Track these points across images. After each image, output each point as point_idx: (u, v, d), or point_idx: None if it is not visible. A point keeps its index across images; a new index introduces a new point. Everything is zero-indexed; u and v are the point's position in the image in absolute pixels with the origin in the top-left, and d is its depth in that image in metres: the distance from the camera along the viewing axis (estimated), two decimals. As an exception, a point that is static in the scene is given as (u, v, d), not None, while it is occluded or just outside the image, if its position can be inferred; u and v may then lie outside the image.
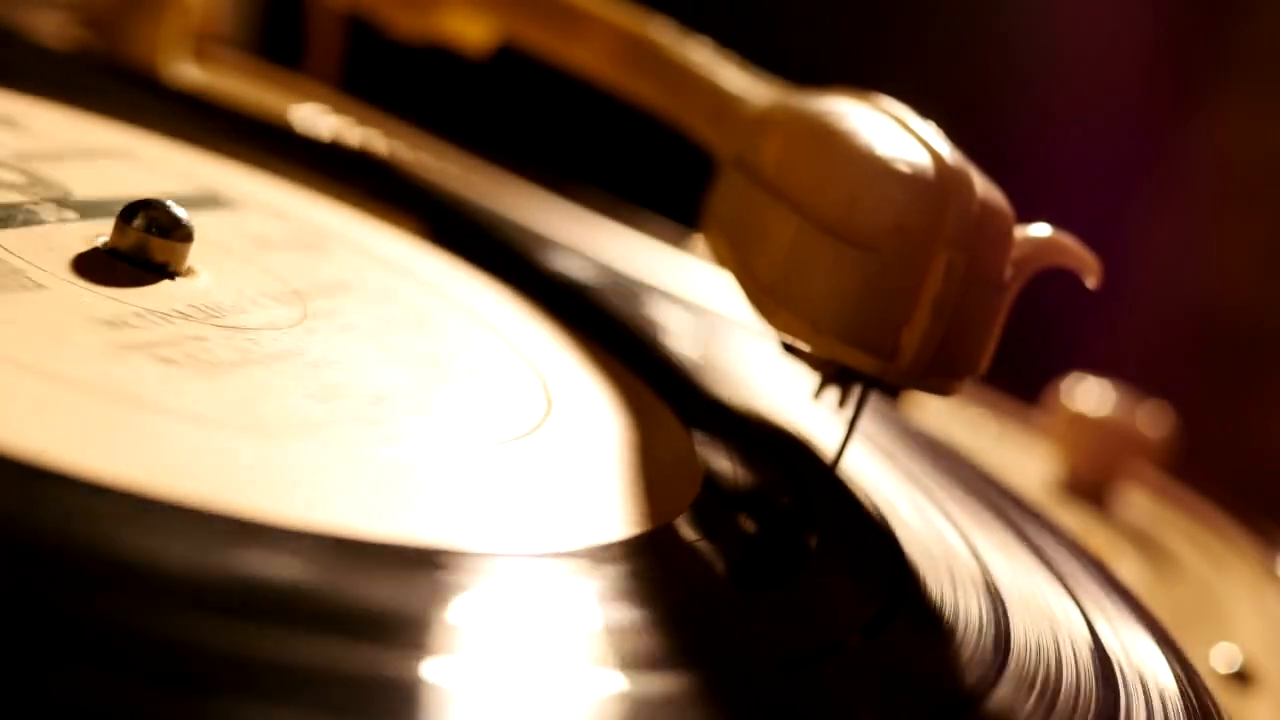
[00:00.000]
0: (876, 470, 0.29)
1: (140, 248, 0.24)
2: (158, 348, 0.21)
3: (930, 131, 0.26)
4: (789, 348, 0.27)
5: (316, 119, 0.43)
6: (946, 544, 0.26)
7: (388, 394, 0.23)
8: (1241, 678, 0.33)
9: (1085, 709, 0.22)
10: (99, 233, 0.24)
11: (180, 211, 0.24)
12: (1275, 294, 0.76)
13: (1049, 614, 0.25)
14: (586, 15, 0.37)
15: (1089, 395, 0.45)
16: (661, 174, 0.51)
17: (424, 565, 0.18)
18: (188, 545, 0.16)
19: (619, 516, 0.22)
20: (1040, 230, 0.26)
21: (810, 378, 0.27)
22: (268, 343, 0.23)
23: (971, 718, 0.20)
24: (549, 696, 0.16)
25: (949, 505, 0.29)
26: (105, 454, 0.17)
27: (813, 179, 0.25)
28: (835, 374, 0.26)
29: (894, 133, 0.25)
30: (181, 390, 0.20)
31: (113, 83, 0.39)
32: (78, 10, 0.43)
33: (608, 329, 0.32)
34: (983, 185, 0.25)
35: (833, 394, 0.27)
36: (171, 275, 0.24)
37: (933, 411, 0.43)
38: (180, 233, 0.24)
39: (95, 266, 0.23)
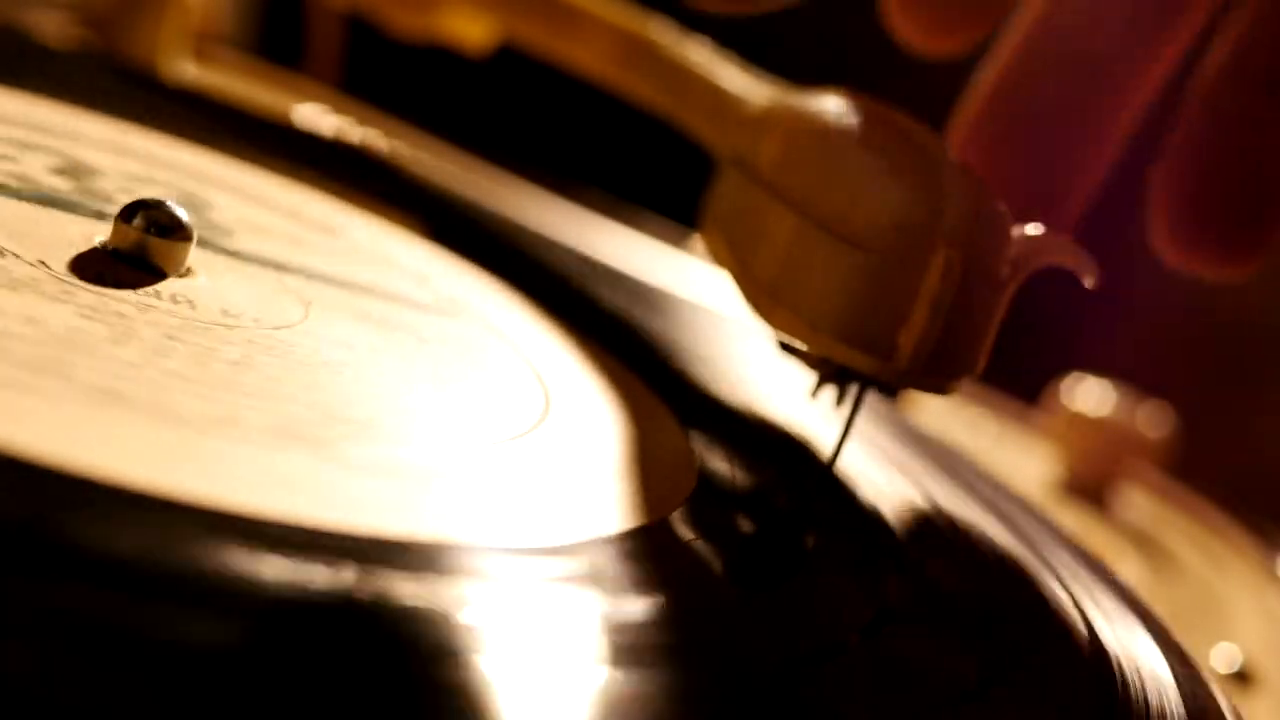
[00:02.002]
0: (873, 469, 0.29)
1: (139, 248, 0.24)
2: (159, 347, 0.21)
3: (928, 131, 0.26)
4: (786, 347, 0.27)
5: (317, 119, 0.43)
6: (943, 542, 0.26)
7: (385, 392, 0.23)
8: (1241, 678, 0.33)
9: (1083, 707, 0.22)
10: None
11: (180, 211, 0.24)
12: (1275, 294, 0.76)
13: (1046, 612, 0.25)
14: (586, 15, 0.37)
15: (1089, 395, 0.45)
16: (661, 174, 0.51)
17: (421, 562, 0.18)
18: (181, 542, 0.16)
19: (616, 514, 0.22)
20: (1037, 229, 0.26)
21: (808, 377, 0.27)
22: (267, 341, 0.23)
23: (970, 716, 0.20)
24: (545, 693, 0.17)
25: (945, 504, 0.29)
26: (118, 459, 0.17)
27: (811, 178, 0.25)
28: (832, 373, 0.26)
29: (892, 132, 0.25)
30: (180, 390, 0.20)
31: (113, 82, 0.39)
32: (78, 10, 0.43)
33: (607, 328, 0.32)
34: (980, 184, 0.25)
35: (830, 393, 0.27)
36: (170, 275, 0.24)
37: (932, 411, 0.43)
38: (180, 233, 0.24)
39: (94, 266, 0.23)
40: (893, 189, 0.24)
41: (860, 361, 0.24)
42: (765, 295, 0.26)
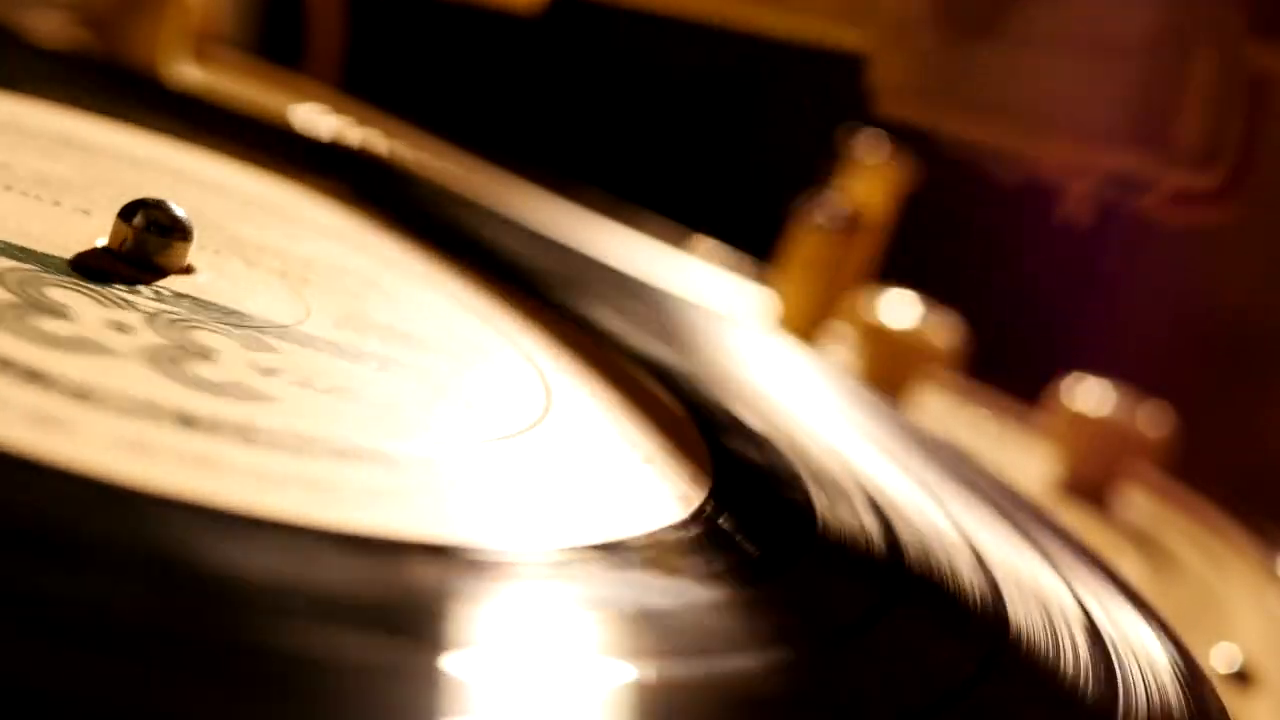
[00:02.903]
0: (879, 466, 0.29)
1: (139, 247, 0.24)
2: (158, 347, 0.21)
3: None
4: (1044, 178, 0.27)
5: (316, 119, 0.43)
6: (948, 539, 0.26)
7: (388, 390, 0.23)
8: (1241, 678, 0.33)
9: (1085, 701, 0.22)
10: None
11: (179, 210, 0.24)
12: (1275, 294, 0.76)
13: (1049, 607, 0.25)
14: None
15: (1089, 395, 0.45)
16: (661, 174, 0.51)
17: (423, 559, 0.18)
18: (186, 541, 0.16)
19: (618, 512, 0.22)
20: None
21: (1063, 202, 0.27)
22: (269, 339, 0.23)
23: (973, 710, 0.20)
24: (550, 689, 0.17)
25: (950, 501, 0.29)
26: (114, 456, 0.17)
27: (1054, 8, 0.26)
28: (1103, 184, 0.27)
29: None
30: (178, 387, 0.20)
31: (113, 83, 0.39)
32: (77, 10, 0.43)
33: (606, 326, 0.32)
34: None
35: (1081, 210, 0.27)
36: (170, 273, 0.24)
37: (933, 412, 0.43)
38: (179, 231, 0.24)
39: (94, 266, 0.23)
40: None
41: (1140, 161, 0.25)
42: (1027, 133, 0.26)
